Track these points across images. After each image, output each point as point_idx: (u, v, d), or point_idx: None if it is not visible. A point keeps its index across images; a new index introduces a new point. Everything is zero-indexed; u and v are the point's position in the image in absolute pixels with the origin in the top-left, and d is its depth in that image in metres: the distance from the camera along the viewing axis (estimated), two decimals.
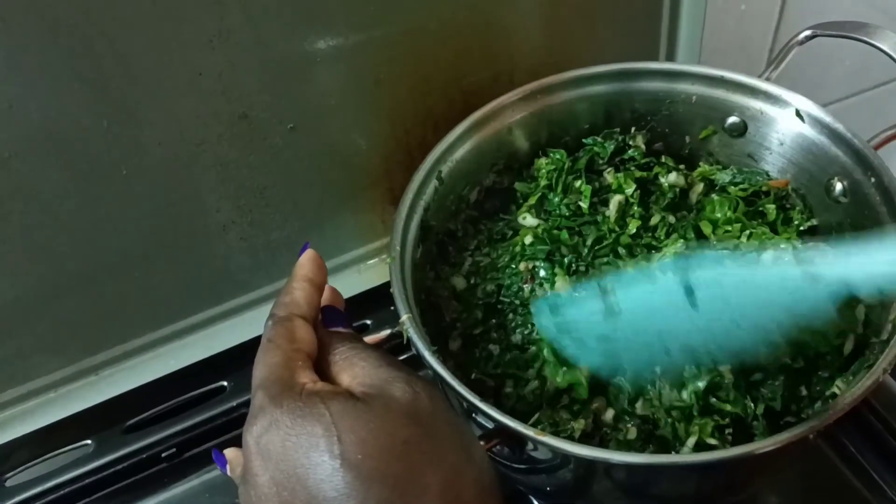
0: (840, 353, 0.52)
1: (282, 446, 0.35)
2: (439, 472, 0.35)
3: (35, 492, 0.62)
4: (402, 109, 0.65)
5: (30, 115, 0.51)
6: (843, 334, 0.52)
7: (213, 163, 0.60)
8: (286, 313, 0.41)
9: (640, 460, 0.44)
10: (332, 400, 0.36)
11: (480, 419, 0.45)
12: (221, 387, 0.67)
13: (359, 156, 0.66)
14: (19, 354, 0.62)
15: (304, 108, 0.61)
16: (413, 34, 0.61)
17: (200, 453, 0.65)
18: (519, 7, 0.65)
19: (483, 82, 0.66)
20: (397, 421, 0.36)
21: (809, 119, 0.57)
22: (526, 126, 0.63)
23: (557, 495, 0.58)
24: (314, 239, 0.68)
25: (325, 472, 0.34)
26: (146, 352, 0.67)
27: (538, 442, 0.43)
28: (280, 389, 0.37)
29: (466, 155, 0.60)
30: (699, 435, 0.49)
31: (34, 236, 0.57)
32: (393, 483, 0.34)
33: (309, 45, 0.58)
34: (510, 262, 0.58)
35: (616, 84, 0.63)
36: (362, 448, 0.34)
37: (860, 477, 0.61)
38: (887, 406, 0.61)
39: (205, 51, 0.54)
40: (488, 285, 0.58)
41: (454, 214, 0.61)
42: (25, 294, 0.59)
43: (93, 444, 0.64)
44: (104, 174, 0.56)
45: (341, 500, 0.33)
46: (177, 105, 0.56)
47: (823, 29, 0.59)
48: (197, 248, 0.64)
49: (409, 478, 0.34)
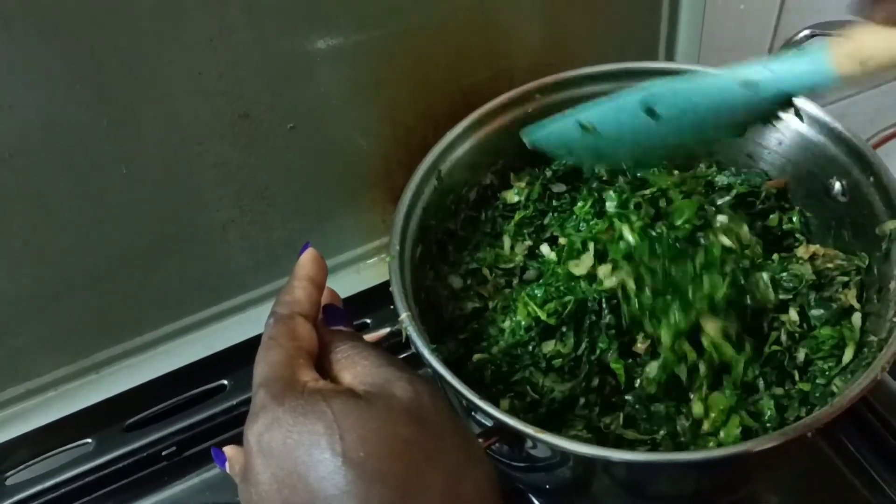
0: (839, 361, 0.52)
1: (283, 444, 0.35)
2: (441, 472, 0.35)
3: (35, 490, 0.62)
4: (403, 109, 0.65)
5: (30, 115, 0.51)
6: (843, 343, 0.53)
7: (214, 162, 0.60)
8: (288, 311, 0.41)
9: (640, 458, 0.44)
10: (334, 398, 0.36)
11: (479, 417, 0.46)
12: (222, 385, 0.67)
13: (359, 155, 0.66)
14: (19, 353, 0.62)
15: (304, 108, 0.61)
16: (413, 34, 0.61)
17: (201, 452, 0.65)
18: (518, 7, 0.65)
19: (483, 82, 0.66)
20: (399, 420, 0.36)
21: (808, 118, 0.57)
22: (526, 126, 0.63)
23: (557, 493, 0.58)
24: (314, 238, 0.68)
25: (327, 470, 0.34)
26: (146, 350, 0.67)
27: (537, 440, 0.43)
28: (282, 387, 0.37)
29: (466, 154, 0.60)
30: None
31: (34, 235, 0.57)
32: (395, 482, 0.34)
33: (309, 45, 0.58)
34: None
35: (616, 84, 0.62)
36: (364, 446, 0.34)
37: (859, 475, 0.61)
38: (886, 404, 0.61)
39: (205, 50, 0.54)
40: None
41: (453, 214, 0.62)
42: (26, 292, 0.59)
43: (93, 443, 0.64)
44: (104, 174, 0.56)
45: (343, 498, 0.33)
46: (177, 105, 0.56)
47: (822, 28, 0.59)
48: (197, 248, 0.64)
49: (411, 476, 0.34)
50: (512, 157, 0.64)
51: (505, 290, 0.60)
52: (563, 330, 0.54)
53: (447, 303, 0.59)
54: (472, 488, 0.36)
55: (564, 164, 0.64)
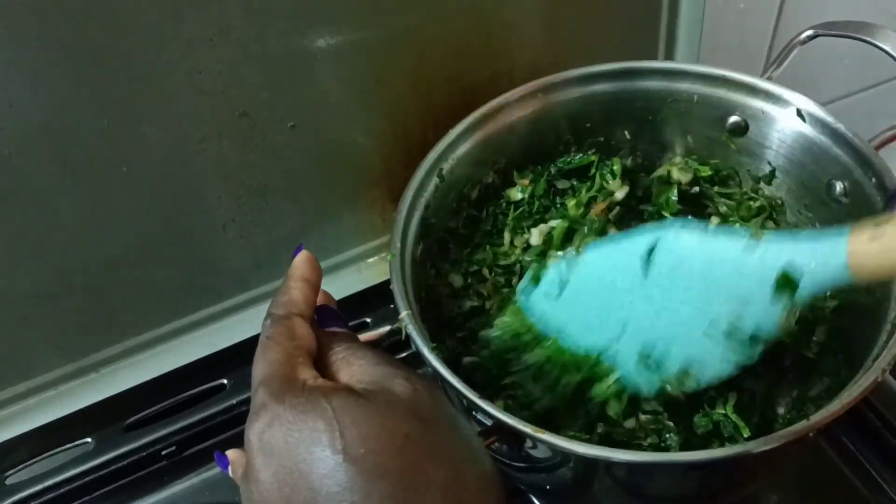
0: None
1: (284, 442, 0.35)
2: (441, 467, 0.35)
3: (35, 490, 0.62)
4: (402, 108, 0.65)
5: (30, 114, 0.51)
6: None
7: (214, 161, 0.60)
8: (285, 312, 0.41)
9: (639, 458, 0.44)
10: (334, 395, 0.36)
11: (479, 416, 0.46)
12: (221, 384, 0.67)
13: (359, 154, 0.66)
14: (19, 352, 0.62)
15: (304, 107, 0.61)
16: (413, 33, 0.61)
17: (200, 451, 0.65)
18: (518, 6, 0.65)
19: (483, 80, 0.66)
20: (398, 416, 0.36)
21: (810, 119, 0.57)
22: (528, 124, 0.63)
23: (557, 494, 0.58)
24: (314, 237, 0.68)
25: (328, 467, 0.34)
26: (146, 350, 0.67)
27: (535, 439, 0.43)
28: (281, 386, 0.37)
29: (468, 152, 0.60)
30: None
31: (34, 234, 0.57)
32: (396, 478, 0.34)
33: (309, 44, 0.58)
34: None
35: (618, 83, 0.63)
36: (364, 443, 0.34)
37: (859, 475, 0.61)
38: (887, 404, 0.61)
39: (205, 49, 0.54)
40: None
41: (455, 212, 0.62)
42: (25, 292, 0.59)
43: (93, 442, 0.64)
44: (104, 172, 0.56)
45: (344, 495, 0.33)
46: (177, 103, 0.56)
47: (825, 29, 0.59)
48: (197, 246, 0.64)
49: (412, 472, 0.34)
50: (514, 155, 0.64)
51: (503, 290, 0.60)
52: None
53: (447, 301, 0.59)
54: (473, 483, 0.36)
55: (569, 161, 0.64)
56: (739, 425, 0.49)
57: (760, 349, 0.43)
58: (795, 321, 0.53)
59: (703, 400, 0.51)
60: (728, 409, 0.50)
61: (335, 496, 0.33)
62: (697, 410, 0.51)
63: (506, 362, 0.53)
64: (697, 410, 0.51)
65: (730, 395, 0.50)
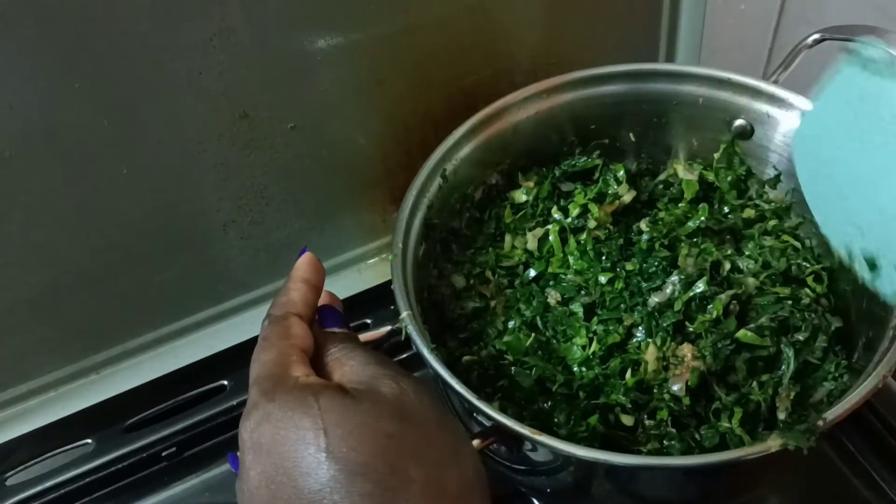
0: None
1: (272, 439, 0.35)
2: (423, 466, 0.35)
3: (35, 491, 0.62)
4: (403, 109, 0.65)
5: (30, 115, 0.51)
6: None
7: (214, 162, 0.60)
8: (282, 312, 0.41)
9: (637, 462, 0.44)
10: (322, 393, 0.36)
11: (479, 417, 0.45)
12: (221, 386, 0.67)
13: (359, 155, 0.66)
14: (19, 353, 0.62)
15: (304, 108, 0.61)
16: (414, 33, 0.61)
17: (201, 452, 0.65)
18: (519, 7, 0.65)
19: (483, 82, 0.66)
20: (383, 415, 0.36)
21: None
22: (532, 126, 0.62)
23: (558, 496, 0.58)
24: (314, 238, 0.68)
25: (311, 465, 0.34)
26: (146, 351, 0.67)
27: (533, 441, 0.43)
28: (273, 384, 0.37)
29: (471, 153, 0.60)
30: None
31: (35, 235, 0.57)
32: (377, 476, 0.34)
33: (309, 45, 0.58)
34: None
35: (622, 85, 0.62)
36: (347, 441, 0.35)
37: (860, 477, 0.60)
38: (888, 407, 0.61)
39: (205, 50, 0.54)
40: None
41: (458, 213, 0.61)
42: (26, 293, 0.59)
43: (93, 443, 0.64)
44: (104, 174, 0.56)
45: (325, 493, 0.34)
46: (177, 104, 0.56)
47: (832, 32, 0.58)
48: (197, 248, 0.64)
49: (393, 472, 0.35)
50: (518, 156, 0.63)
51: (507, 291, 0.60)
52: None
53: (449, 302, 0.58)
54: (456, 482, 0.36)
55: (573, 164, 0.64)
56: (745, 439, 0.48)
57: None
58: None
59: (709, 413, 0.51)
60: (734, 423, 0.49)
61: (317, 493, 0.34)
62: (702, 423, 0.51)
63: (504, 365, 0.54)
64: (702, 423, 0.51)
65: (735, 410, 0.50)
